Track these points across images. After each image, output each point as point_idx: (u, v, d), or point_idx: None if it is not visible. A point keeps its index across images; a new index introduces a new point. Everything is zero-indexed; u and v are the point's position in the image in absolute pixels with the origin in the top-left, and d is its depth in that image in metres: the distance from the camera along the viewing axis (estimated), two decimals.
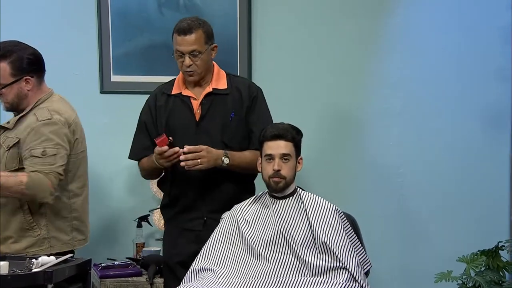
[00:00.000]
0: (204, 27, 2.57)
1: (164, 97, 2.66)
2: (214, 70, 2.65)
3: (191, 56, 2.53)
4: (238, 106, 2.60)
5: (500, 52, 3.24)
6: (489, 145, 3.25)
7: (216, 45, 2.63)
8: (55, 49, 3.25)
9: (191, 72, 2.56)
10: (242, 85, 2.64)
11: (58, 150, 2.50)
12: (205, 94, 2.60)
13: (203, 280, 2.28)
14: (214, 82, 2.62)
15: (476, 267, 2.64)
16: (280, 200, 2.41)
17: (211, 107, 2.59)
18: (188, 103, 2.61)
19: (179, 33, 2.54)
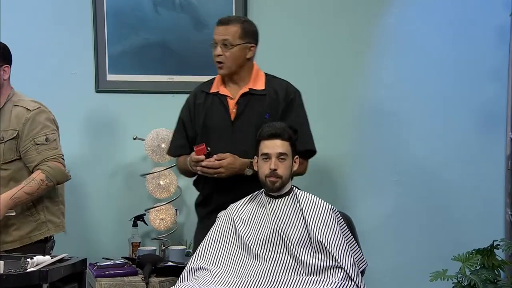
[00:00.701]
0: (245, 24, 2.60)
1: (203, 95, 2.68)
2: (253, 71, 2.66)
3: (222, 46, 2.56)
4: (273, 108, 2.60)
5: (496, 52, 3.25)
6: (485, 144, 3.26)
7: (254, 46, 2.63)
8: (51, 48, 3.25)
9: (220, 64, 2.59)
10: (280, 87, 2.64)
11: (55, 136, 2.64)
12: (241, 93, 2.61)
13: (199, 279, 2.28)
14: (251, 82, 2.63)
15: (471, 266, 2.65)
16: (276, 199, 2.41)
17: (246, 107, 2.60)
18: (224, 102, 2.63)
19: (218, 23, 2.60)
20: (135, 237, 3.09)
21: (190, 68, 3.26)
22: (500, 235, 3.17)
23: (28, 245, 2.61)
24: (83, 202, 3.26)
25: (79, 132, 3.23)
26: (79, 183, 3.23)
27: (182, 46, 3.25)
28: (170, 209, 3.14)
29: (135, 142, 3.17)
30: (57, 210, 2.71)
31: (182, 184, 3.26)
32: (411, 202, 3.26)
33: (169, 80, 3.27)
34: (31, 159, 2.58)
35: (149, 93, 3.28)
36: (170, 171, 3.14)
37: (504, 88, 3.25)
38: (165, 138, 3.08)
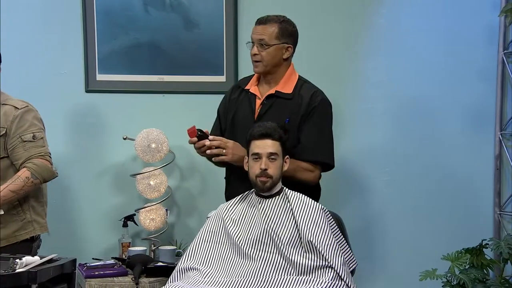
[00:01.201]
0: (283, 24, 2.61)
1: (239, 90, 2.72)
2: (287, 72, 2.65)
3: (259, 45, 2.58)
4: (295, 113, 2.58)
5: (485, 52, 3.27)
6: (473, 144, 3.28)
7: (291, 46, 2.63)
8: (40, 48, 3.23)
9: (256, 62, 2.60)
10: (307, 93, 2.61)
11: (42, 134, 2.65)
12: (267, 95, 2.62)
13: (189, 279, 2.28)
14: (281, 84, 2.63)
15: (461, 265, 2.66)
16: (266, 199, 2.41)
17: (270, 108, 2.60)
18: (252, 100, 2.65)
19: (256, 23, 2.62)
20: (125, 237, 3.08)
21: (180, 68, 3.26)
22: (489, 235, 3.19)
23: (14, 244, 2.59)
24: (73, 202, 3.25)
25: (69, 132, 3.22)
26: (69, 183, 3.22)
27: (172, 46, 3.24)
28: (160, 209, 3.13)
29: (125, 142, 3.16)
30: (42, 211, 2.72)
31: (173, 184, 3.26)
32: (401, 202, 3.28)
33: (159, 80, 3.27)
34: (17, 157, 2.57)
35: (139, 93, 3.27)
36: (160, 171, 3.13)
37: (493, 88, 3.27)
38: (156, 138, 3.07)
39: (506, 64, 3.23)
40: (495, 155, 3.27)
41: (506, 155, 3.25)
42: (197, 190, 3.30)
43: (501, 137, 3.25)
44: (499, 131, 3.26)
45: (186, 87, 3.27)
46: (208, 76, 3.26)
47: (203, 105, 3.26)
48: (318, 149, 2.59)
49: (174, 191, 3.26)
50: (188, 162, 3.29)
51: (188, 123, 3.26)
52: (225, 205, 2.48)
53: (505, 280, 2.71)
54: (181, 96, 3.28)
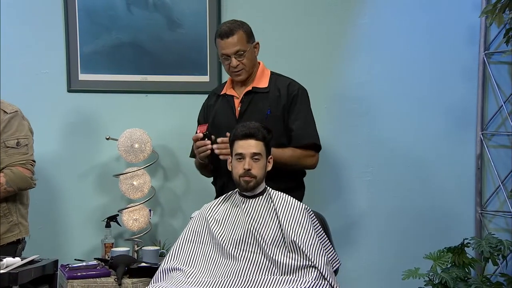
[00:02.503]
0: (244, 27, 2.67)
1: (215, 97, 2.80)
2: (259, 70, 2.73)
3: (237, 56, 2.63)
4: (274, 104, 2.65)
5: (466, 52, 3.30)
6: (455, 144, 3.30)
7: (258, 42, 2.71)
8: (21, 47, 3.21)
9: (239, 71, 2.66)
10: (282, 84, 2.70)
11: (28, 140, 2.63)
12: (244, 92, 2.68)
13: (172, 280, 2.27)
14: (256, 80, 2.70)
15: (443, 264, 2.68)
16: (250, 199, 2.41)
17: (250, 105, 2.66)
18: (231, 101, 2.70)
19: (221, 37, 2.65)
20: (108, 238, 3.06)
21: (163, 68, 3.25)
22: (471, 234, 3.22)
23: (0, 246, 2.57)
24: (55, 202, 3.22)
25: (51, 132, 3.19)
26: (51, 184, 3.19)
27: (155, 46, 3.23)
28: (143, 210, 3.12)
29: (108, 142, 3.14)
30: (26, 213, 2.72)
31: (156, 185, 3.24)
32: (383, 202, 3.29)
33: (143, 80, 3.25)
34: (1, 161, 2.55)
35: (122, 92, 3.25)
36: (143, 171, 3.12)
37: (475, 88, 3.30)
38: (139, 138, 3.06)
39: (487, 64, 3.26)
40: (476, 155, 3.30)
41: (487, 155, 3.28)
42: (180, 190, 3.29)
43: (482, 137, 3.28)
44: (481, 131, 3.29)
45: (169, 87, 3.26)
46: (192, 76, 3.26)
47: (186, 105, 3.26)
48: (312, 133, 2.68)
49: (158, 192, 3.25)
50: (172, 162, 3.28)
51: (171, 123, 3.28)
52: (209, 205, 2.48)
53: (486, 278, 2.74)
54: (164, 96, 3.27)
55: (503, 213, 3.27)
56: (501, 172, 3.28)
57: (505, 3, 2.81)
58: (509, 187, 3.20)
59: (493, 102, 3.31)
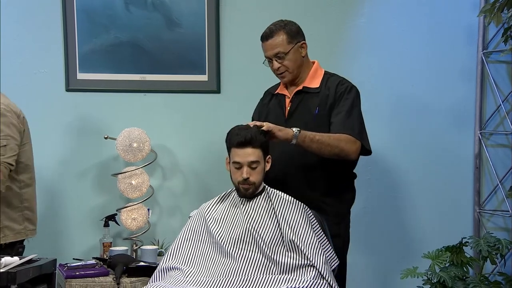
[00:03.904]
0: (286, 28, 2.61)
1: (269, 96, 2.77)
2: (311, 69, 2.67)
3: (277, 58, 2.59)
4: (324, 103, 2.60)
5: (465, 51, 3.30)
6: (454, 143, 3.31)
7: (304, 42, 2.64)
8: (19, 46, 3.21)
9: (282, 73, 2.62)
10: (333, 83, 2.63)
11: (8, 141, 2.54)
12: (295, 92, 2.64)
13: (171, 279, 2.27)
14: (307, 80, 2.65)
15: (441, 263, 2.68)
16: (248, 199, 2.41)
17: (299, 104, 2.62)
18: (282, 101, 2.68)
19: (262, 39, 2.62)
20: (107, 237, 3.06)
21: (162, 67, 3.25)
22: (469, 233, 3.23)
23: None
24: (54, 202, 3.22)
25: (49, 131, 3.19)
26: (50, 183, 3.19)
27: (154, 45, 3.23)
28: (142, 209, 3.12)
29: (106, 142, 3.14)
30: (18, 216, 2.63)
31: (154, 184, 3.24)
32: (382, 201, 3.30)
33: (141, 79, 3.25)
34: None
35: (121, 92, 3.25)
36: (142, 171, 3.12)
37: (473, 87, 3.30)
38: (137, 137, 3.06)
39: (486, 63, 3.27)
40: (474, 154, 3.30)
41: (485, 154, 3.28)
42: (179, 189, 3.29)
43: (481, 136, 3.29)
44: (479, 130, 3.29)
45: (168, 86, 3.26)
46: (190, 75, 3.25)
47: (185, 104, 3.26)
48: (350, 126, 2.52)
49: (156, 191, 3.25)
50: (170, 162, 3.28)
51: (170, 122, 3.28)
52: (207, 204, 2.48)
53: (484, 277, 2.74)
54: (163, 95, 3.27)
55: (501, 212, 3.27)
56: (499, 171, 3.28)
57: (503, 2, 2.82)
58: (507, 186, 3.20)
59: (491, 101, 3.31)
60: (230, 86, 3.27)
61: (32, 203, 2.70)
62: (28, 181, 2.68)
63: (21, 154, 2.62)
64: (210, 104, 3.27)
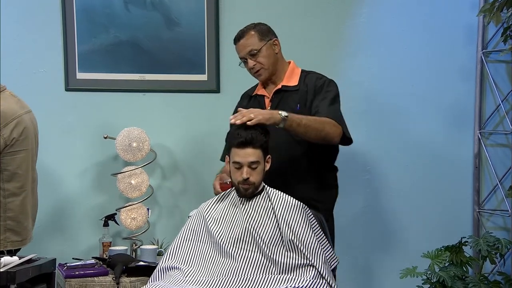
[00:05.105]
0: (257, 27, 2.67)
1: (247, 98, 2.80)
2: (288, 68, 2.72)
3: (251, 57, 2.63)
4: (303, 100, 2.64)
5: (464, 51, 3.30)
6: (453, 143, 3.31)
7: (276, 39, 2.69)
8: (19, 46, 3.20)
9: (258, 71, 2.65)
10: (311, 79, 2.68)
11: None
12: (274, 91, 2.68)
13: (170, 278, 2.27)
14: (285, 79, 2.69)
15: (440, 262, 2.69)
16: (248, 198, 2.41)
17: (279, 103, 2.65)
18: (261, 101, 2.70)
19: (235, 42, 2.68)
20: (106, 236, 3.06)
21: (161, 67, 3.25)
22: (468, 232, 3.23)
23: None
24: (53, 201, 3.22)
25: (49, 131, 3.18)
26: (49, 183, 3.19)
27: (153, 45, 3.23)
28: (141, 209, 3.12)
29: (106, 141, 3.14)
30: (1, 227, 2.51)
31: (154, 183, 3.24)
32: (382, 200, 3.30)
33: (141, 79, 3.25)
34: None
35: (120, 91, 3.25)
36: (141, 170, 3.12)
37: (472, 87, 3.30)
38: (136, 137, 3.06)
39: (485, 63, 3.27)
40: (474, 154, 3.30)
41: (485, 154, 3.29)
42: (178, 189, 3.29)
43: (480, 135, 3.29)
44: (478, 130, 3.29)
45: (167, 85, 3.26)
46: (190, 74, 3.25)
47: (184, 104, 3.26)
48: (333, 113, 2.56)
49: (156, 190, 3.25)
50: (170, 161, 3.28)
51: (169, 121, 3.28)
52: (206, 203, 2.48)
53: (484, 277, 2.74)
54: (162, 94, 3.27)
55: (500, 211, 3.27)
56: (499, 171, 3.29)
57: (502, 2, 2.82)
58: (506, 186, 3.20)
59: (490, 101, 3.31)
60: (229, 85, 3.27)
61: (18, 214, 2.56)
62: (15, 190, 2.55)
63: (9, 162, 2.52)
64: (209, 104, 3.27)
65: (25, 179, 2.58)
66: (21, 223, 2.57)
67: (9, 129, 2.52)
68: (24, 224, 2.58)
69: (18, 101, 2.63)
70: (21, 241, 2.58)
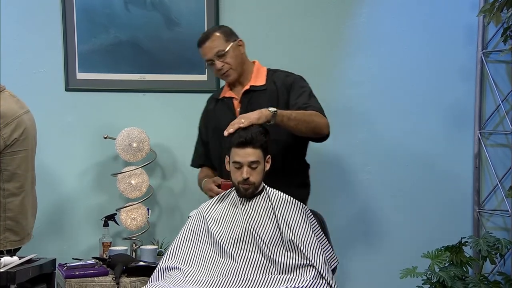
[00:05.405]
0: (221, 29, 2.68)
1: (213, 102, 2.79)
2: (254, 68, 2.72)
3: (218, 58, 2.62)
4: (274, 98, 2.64)
5: (464, 51, 3.30)
6: (453, 143, 3.31)
7: (241, 40, 2.70)
8: (19, 46, 3.20)
9: (226, 72, 2.65)
10: (279, 78, 2.69)
11: None
12: (242, 92, 2.67)
13: (170, 278, 2.27)
14: (253, 79, 2.70)
15: (440, 262, 2.69)
16: (248, 198, 2.41)
17: (249, 104, 2.65)
18: (230, 103, 2.70)
19: (199, 44, 2.67)
20: (106, 237, 3.06)
21: (161, 67, 3.25)
22: (468, 232, 3.23)
23: None
24: (53, 201, 3.22)
25: (49, 131, 3.18)
26: (49, 183, 3.19)
27: (153, 45, 3.23)
28: (141, 209, 3.12)
29: (106, 141, 3.14)
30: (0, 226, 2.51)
31: (154, 184, 3.24)
32: (381, 201, 3.30)
33: (141, 79, 3.25)
34: None
35: (120, 91, 3.25)
36: (141, 170, 3.12)
37: (472, 87, 3.30)
38: (137, 137, 3.06)
39: (485, 63, 3.27)
40: (474, 154, 3.30)
41: (485, 154, 3.29)
42: (178, 189, 3.29)
43: (480, 135, 3.29)
44: (478, 130, 3.30)
45: (167, 85, 3.26)
46: (190, 75, 3.25)
47: (184, 104, 3.26)
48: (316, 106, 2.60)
49: (156, 190, 3.25)
50: (170, 161, 3.28)
51: (169, 122, 3.28)
52: (206, 204, 2.48)
53: (484, 277, 2.74)
54: (162, 95, 3.27)
55: (500, 212, 3.27)
56: (499, 171, 3.29)
57: (502, 2, 2.82)
58: (506, 186, 3.21)
59: (491, 101, 3.31)
60: None
61: (18, 214, 2.56)
62: (14, 191, 2.54)
63: (9, 162, 2.52)
64: None
65: (24, 179, 2.59)
66: (20, 223, 2.57)
67: (9, 130, 2.52)
68: (23, 224, 2.59)
69: (17, 101, 2.63)
70: (20, 240, 2.58)
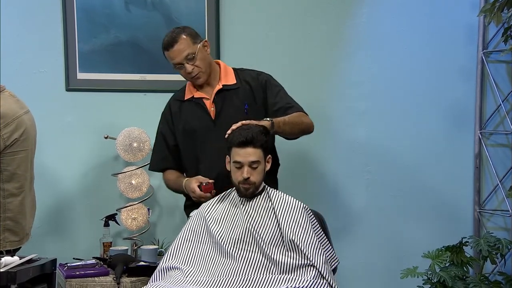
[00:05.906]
0: (186, 31, 2.65)
1: (178, 103, 2.76)
2: (221, 68, 2.72)
3: (188, 61, 2.60)
4: (250, 98, 2.65)
5: (465, 51, 3.30)
6: (454, 143, 3.31)
7: (206, 40, 2.69)
8: (19, 46, 3.20)
9: (196, 75, 2.64)
10: (250, 77, 2.70)
11: None
12: (216, 91, 2.66)
13: (171, 278, 2.27)
14: (223, 79, 2.69)
15: (441, 262, 2.69)
16: (248, 198, 2.41)
17: (224, 103, 2.65)
18: (201, 104, 2.68)
19: (167, 48, 2.63)
20: (107, 237, 3.06)
21: (162, 67, 3.24)
22: (469, 232, 3.23)
23: None
24: (54, 201, 3.22)
25: (49, 131, 3.18)
26: (50, 183, 3.19)
27: (153, 45, 3.22)
28: (142, 209, 3.12)
29: (106, 141, 3.14)
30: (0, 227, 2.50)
31: (154, 184, 3.24)
32: (382, 201, 3.30)
33: (141, 79, 3.25)
34: None
35: (121, 91, 3.25)
36: (142, 170, 3.12)
37: (473, 87, 3.30)
38: (137, 137, 3.06)
39: (486, 63, 3.27)
40: (474, 154, 3.30)
41: (485, 154, 3.29)
42: None
43: (481, 135, 3.29)
44: (479, 130, 3.29)
45: (168, 85, 3.25)
46: None
47: None
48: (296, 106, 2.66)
49: (156, 190, 3.25)
50: None
51: None
52: (207, 204, 2.48)
53: (484, 277, 2.74)
54: (163, 95, 3.25)
55: (501, 212, 3.27)
56: (500, 171, 3.29)
57: (503, 2, 2.82)
58: (507, 186, 3.21)
59: (491, 101, 3.31)
60: None
61: (17, 214, 2.55)
62: (14, 191, 2.53)
63: (9, 162, 2.51)
64: None
65: (24, 179, 2.58)
66: (20, 223, 2.57)
67: (9, 130, 2.51)
68: (22, 224, 2.58)
69: (17, 101, 2.63)
70: (19, 240, 2.58)
